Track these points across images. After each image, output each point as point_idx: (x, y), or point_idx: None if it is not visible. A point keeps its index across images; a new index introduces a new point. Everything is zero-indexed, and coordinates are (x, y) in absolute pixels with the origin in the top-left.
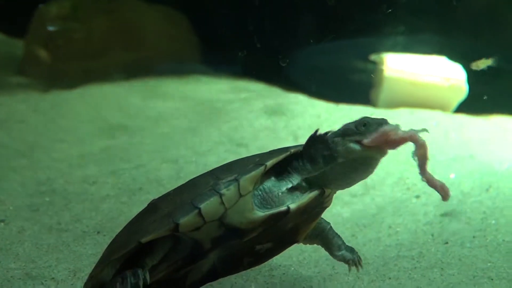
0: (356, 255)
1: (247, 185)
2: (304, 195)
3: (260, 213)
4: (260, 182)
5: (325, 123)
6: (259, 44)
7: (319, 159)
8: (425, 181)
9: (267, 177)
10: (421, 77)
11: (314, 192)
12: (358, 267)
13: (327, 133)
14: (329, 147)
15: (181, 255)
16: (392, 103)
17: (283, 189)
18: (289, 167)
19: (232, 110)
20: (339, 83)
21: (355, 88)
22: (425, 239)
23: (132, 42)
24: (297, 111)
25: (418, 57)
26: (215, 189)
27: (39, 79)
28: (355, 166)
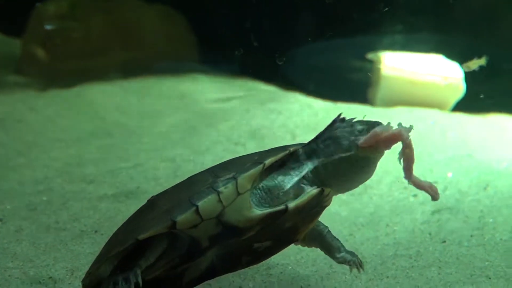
0: (356, 257)
1: (245, 183)
2: (303, 194)
3: (258, 211)
4: (259, 180)
5: (323, 122)
6: (257, 43)
7: (343, 141)
8: (412, 183)
9: (267, 175)
10: (419, 75)
11: (313, 191)
12: (359, 269)
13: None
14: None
15: (178, 253)
16: (389, 102)
17: (284, 188)
18: (291, 165)
19: (229, 109)
20: (336, 82)
21: (352, 86)
22: (423, 238)
23: (130, 41)
24: (295, 110)
25: (415, 56)
26: (213, 187)
27: (36, 78)
28: (352, 165)
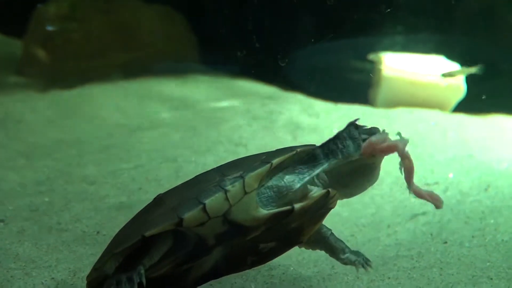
0: (362, 257)
1: (252, 183)
2: (309, 195)
3: (264, 211)
4: (266, 180)
5: (324, 123)
6: (258, 43)
7: (338, 151)
8: (413, 194)
9: (274, 175)
10: (420, 76)
11: (320, 192)
12: (366, 268)
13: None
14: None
15: (184, 251)
16: (390, 103)
17: (293, 188)
18: (303, 165)
19: (230, 109)
20: (337, 82)
21: (353, 87)
22: (424, 239)
23: (130, 42)
24: (296, 111)
25: (416, 57)
26: (220, 185)
27: (37, 79)
28: (354, 169)
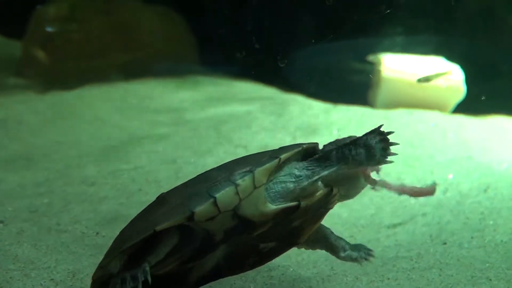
0: (362, 251)
1: (261, 177)
2: (314, 192)
3: (272, 206)
4: (274, 175)
5: (323, 124)
6: (257, 44)
7: (377, 152)
8: (397, 190)
9: (282, 171)
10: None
11: (324, 189)
12: (369, 259)
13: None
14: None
15: (190, 247)
16: (390, 104)
17: (301, 184)
18: (314, 163)
19: (230, 111)
20: (337, 83)
21: (353, 88)
22: (424, 240)
23: (130, 43)
24: (295, 112)
25: (416, 58)
26: (230, 180)
27: (37, 80)
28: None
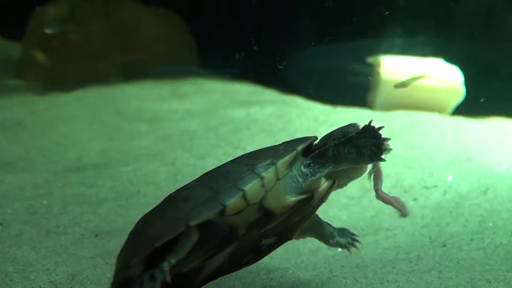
0: (349, 236)
1: (283, 169)
2: (321, 184)
3: (291, 198)
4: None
5: (323, 125)
6: (257, 46)
7: (367, 150)
8: (379, 199)
9: (293, 165)
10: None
11: (328, 181)
12: (356, 246)
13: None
14: (378, 141)
15: (212, 243)
16: (389, 106)
17: (311, 178)
18: (311, 160)
19: (229, 112)
20: (336, 85)
21: (352, 90)
22: (423, 242)
23: (129, 44)
24: (294, 114)
25: (415, 60)
26: (255, 172)
27: (36, 81)
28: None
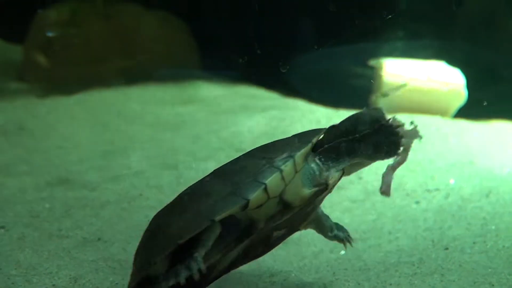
0: (346, 233)
1: (300, 162)
2: (331, 175)
3: (307, 190)
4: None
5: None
6: (259, 49)
7: (384, 147)
8: (385, 179)
9: (308, 157)
10: (420, 82)
11: (339, 173)
12: (351, 243)
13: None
14: (397, 138)
15: (232, 237)
16: (391, 108)
17: (323, 169)
18: (321, 154)
19: (231, 115)
20: (338, 88)
21: (354, 93)
22: (425, 245)
23: (131, 47)
24: (296, 117)
25: (417, 62)
26: (274, 166)
27: (38, 84)
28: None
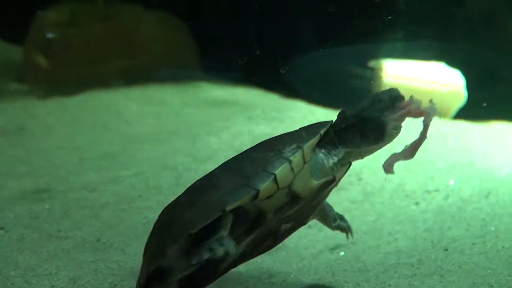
0: (347, 223)
1: (308, 152)
2: (338, 167)
3: (315, 181)
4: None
5: None
6: (259, 50)
7: (371, 135)
8: (401, 153)
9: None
10: (420, 83)
11: (346, 165)
12: (351, 233)
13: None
14: (382, 126)
15: (243, 228)
16: None
17: (331, 161)
18: (337, 141)
19: (231, 116)
20: (338, 89)
21: (354, 94)
22: (425, 246)
23: (130, 48)
24: (296, 118)
25: (416, 63)
26: (283, 157)
27: (38, 85)
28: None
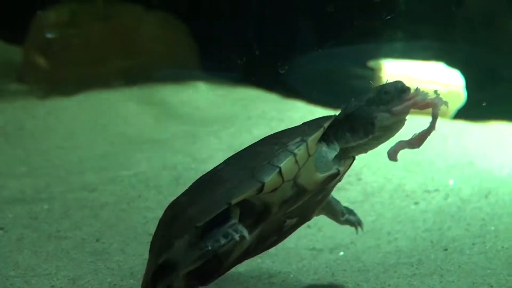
0: (356, 216)
1: (313, 145)
2: (342, 161)
3: (320, 174)
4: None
5: None
6: (258, 50)
7: (361, 130)
8: (408, 141)
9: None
10: (420, 83)
11: (350, 159)
12: (362, 226)
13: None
14: (371, 119)
15: (249, 221)
16: None
17: (332, 156)
18: (332, 136)
19: (231, 116)
20: (337, 89)
21: (353, 94)
22: (425, 246)
23: (130, 48)
24: (296, 118)
25: (416, 64)
26: (288, 150)
27: (37, 85)
28: (384, 132)
